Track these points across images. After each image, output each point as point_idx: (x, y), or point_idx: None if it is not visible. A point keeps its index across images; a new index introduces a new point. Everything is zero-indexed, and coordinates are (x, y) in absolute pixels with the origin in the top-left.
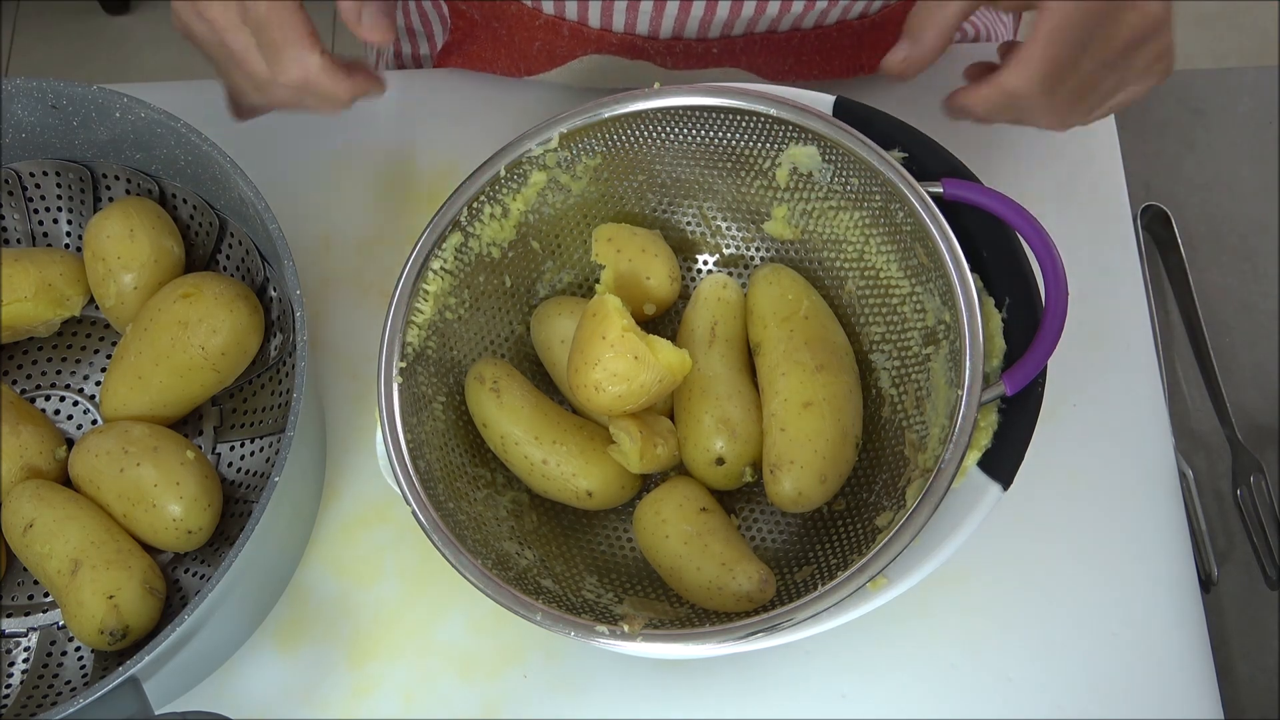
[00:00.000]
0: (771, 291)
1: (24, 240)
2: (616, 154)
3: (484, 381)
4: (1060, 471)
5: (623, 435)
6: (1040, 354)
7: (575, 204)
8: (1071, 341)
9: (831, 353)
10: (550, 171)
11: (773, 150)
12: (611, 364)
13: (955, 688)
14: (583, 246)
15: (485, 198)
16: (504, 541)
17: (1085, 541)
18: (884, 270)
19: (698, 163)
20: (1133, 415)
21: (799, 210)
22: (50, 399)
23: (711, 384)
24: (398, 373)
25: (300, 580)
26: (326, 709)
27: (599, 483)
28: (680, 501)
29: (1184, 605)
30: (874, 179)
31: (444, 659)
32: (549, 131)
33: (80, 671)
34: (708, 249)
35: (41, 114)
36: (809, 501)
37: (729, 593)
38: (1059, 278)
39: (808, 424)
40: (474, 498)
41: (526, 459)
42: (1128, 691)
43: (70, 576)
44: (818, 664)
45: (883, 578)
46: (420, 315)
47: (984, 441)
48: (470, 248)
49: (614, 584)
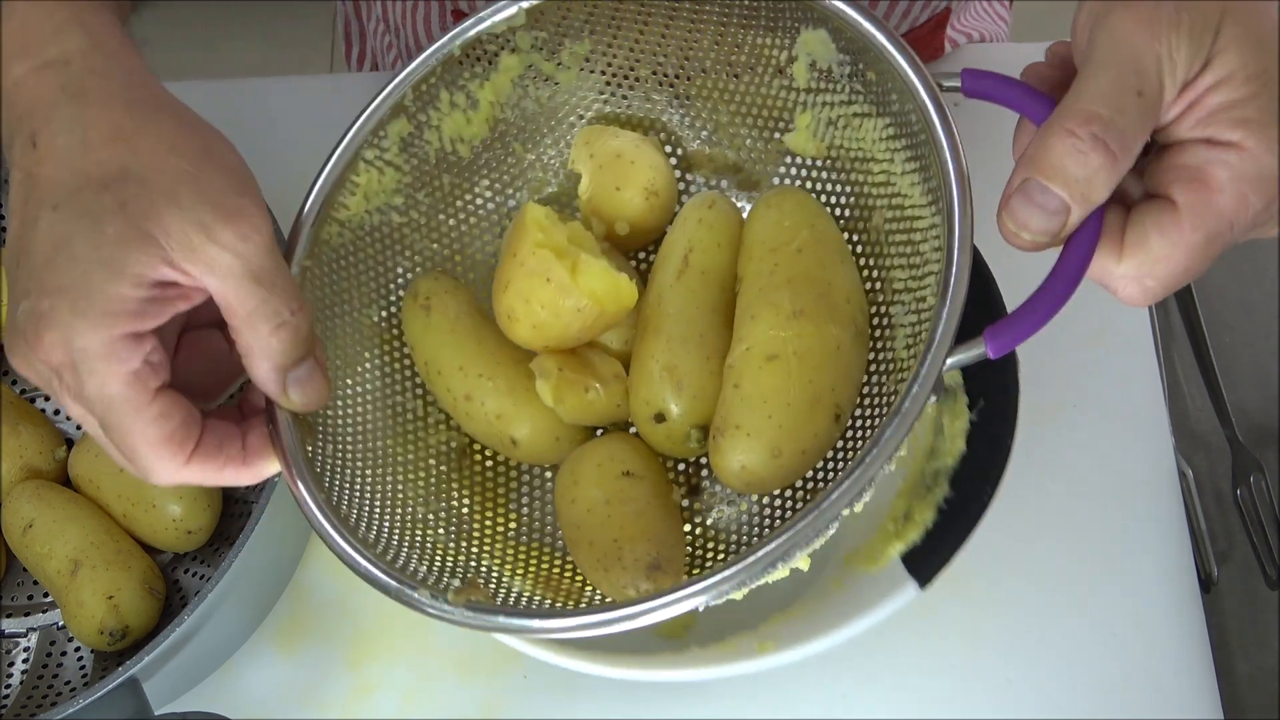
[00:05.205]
0: (769, 216)
1: None
2: (608, 40)
3: (416, 296)
4: (1060, 471)
5: (540, 374)
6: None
7: (566, 101)
8: (1071, 341)
9: (819, 296)
10: (525, 56)
11: (787, 39)
12: (523, 285)
13: (955, 688)
14: None
15: (439, 80)
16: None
17: (1085, 541)
18: (909, 196)
19: (709, 54)
20: (1133, 415)
21: (823, 118)
22: (50, 399)
23: (668, 323)
24: (298, 269)
25: (300, 580)
26: (326, 709)
27: (526, 430)
28: (601, 460)
29: (1184, 605)
30: (886, 70)
31: (443, 659)
32: (511, 5)
33: (80, 671)
34: (726, 166)
35: None
36: (758, 481)
37: (614, 574)
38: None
39: (767, 381)
40: (389, 431)
41: (449, 392)
42: (1128, 691)
43: (70, 577)
44: (818, 664)
45: (770, 643)
46: (344, 210)
47: (913, 536)
48: (427, 140)
49: (541, 551)
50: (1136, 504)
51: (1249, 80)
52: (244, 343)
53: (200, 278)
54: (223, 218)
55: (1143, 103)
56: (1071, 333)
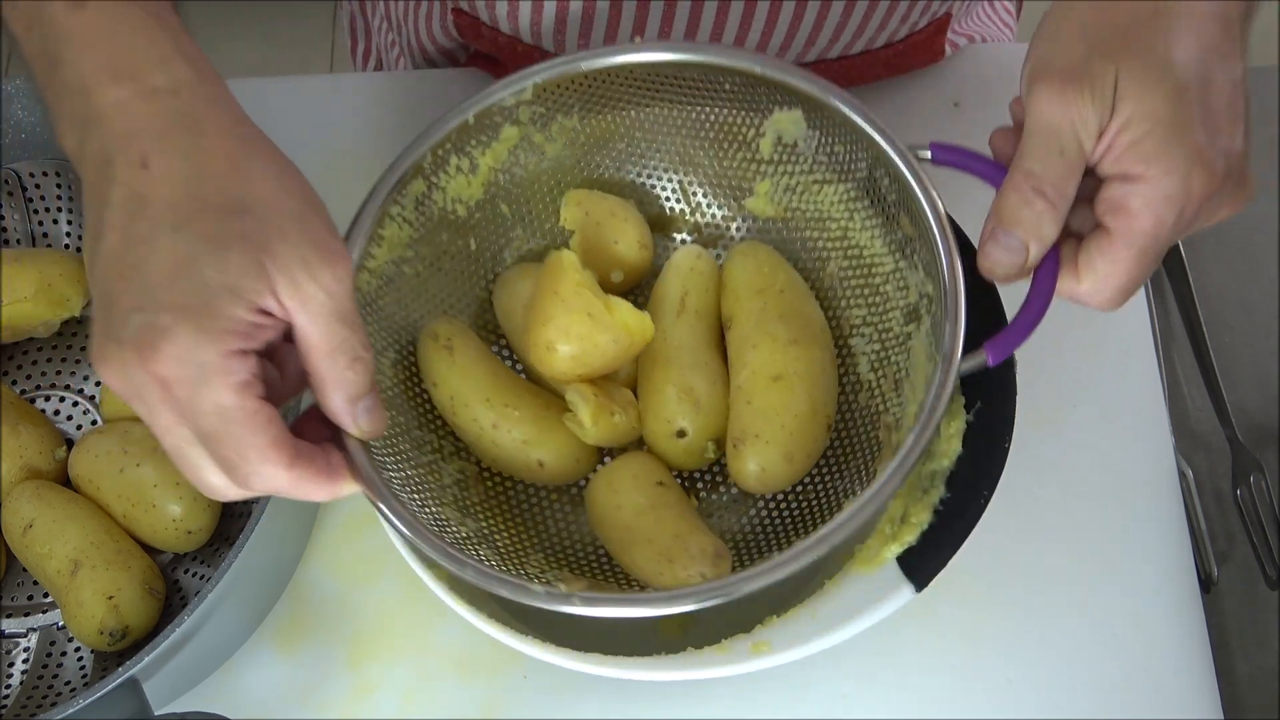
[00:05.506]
0: (748, 265)
1: (24, 240)
2: (594, 116)
3: (437, 338)
4: (1060, 471)
5: (577, 399)
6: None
7: (549, 168)
8: (1071, 341)
9: (805, 327)
10: (523, 128)
11: (757, 118)
12: (564, 321)
13: (955, 688)
14: (555, 214)
15: (452, 146)
16: (445, 508)
17: (1085, 542)
18: (868, 247)
19: (679, 131)
20: (1133, 415)
21: (782, 185)
22: (50, 399)
23: (677, 354)
24: None
25: (300, 580)
26: (326, 709)
27: (552, 453)
28: (636, 472)
29: (1184, 605)
30: (859, 143)
31: (444, 659)
32: (523, 82)
33: (80, 672)
34: (686, 227)
35: (41, 114)
36: (774, 480)
37: (680, 565)
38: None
39: (776, 397)
40: (416, 461)
41: (476, 422)
42: (1128, 691)
43: (70, 577)
44: (818, 664)
45: (765, 644)
46: (373, 261)
47: (909, 538)
48: (434, 200)
49: (560, 563)
50: (1136, 504)
51: (1144, 119)
52: (321, 375)
53: (292, 312)
54: (324, 258)
55: (1065, 160)
56: (1071, 333)
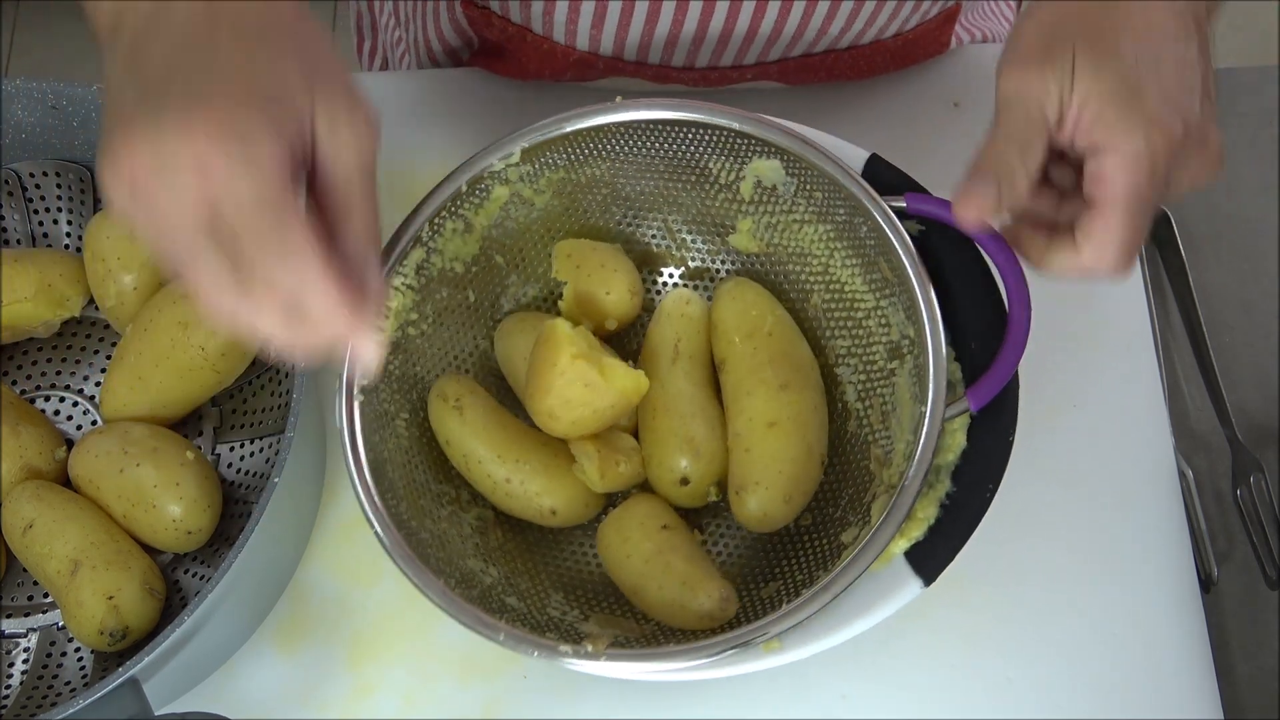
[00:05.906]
0: (736, 306)
1: (24, 240)
2: (579, 168)
3: (447, 399)
4: (1060, 471)
5: (583, 458)
6: (1005, 368)
7: (539, 218)
8: (1071, 342)
9: (796, 369)
10: (513, 186)
11: (736, 164)
12: (564, 392)
13: (955, 688)
14: (547, 260)
15: (447, 213)
16: (468, 559)
17: (1085, 542)
18: (849, 284)
19: (662, 176)
20: (1133, 415)
21: (763, 223)
22: (50, 399)
23: (675, 402)
24: (359, 391)
25: (300, 580)
26: (326, 709)
27: (563, 501)
28: (642, 519)
29: (1184, 605)
30: (837, 193)
31: (444, 660)
32: (510, 146)
33: (80, 672)
34: (673, 262)
35: (41, 114)
36: (774, 521)
37: (690, 611)
38: (1022, 291)
39: (772, 444)
40: (438, 515)
41: (490, 477)
42: (1128, 691)
43: (70, 577)
44: (818, 664)
45: (776, 641)
46: (381, 334)
47: (915, 533)
48: (432, 264)
49: (579, 601)
50: (1136, 504)
51: (1100, 94)
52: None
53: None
54: (358, 104)
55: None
56: (1071, 333)
